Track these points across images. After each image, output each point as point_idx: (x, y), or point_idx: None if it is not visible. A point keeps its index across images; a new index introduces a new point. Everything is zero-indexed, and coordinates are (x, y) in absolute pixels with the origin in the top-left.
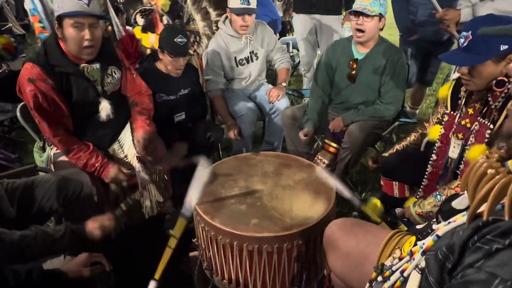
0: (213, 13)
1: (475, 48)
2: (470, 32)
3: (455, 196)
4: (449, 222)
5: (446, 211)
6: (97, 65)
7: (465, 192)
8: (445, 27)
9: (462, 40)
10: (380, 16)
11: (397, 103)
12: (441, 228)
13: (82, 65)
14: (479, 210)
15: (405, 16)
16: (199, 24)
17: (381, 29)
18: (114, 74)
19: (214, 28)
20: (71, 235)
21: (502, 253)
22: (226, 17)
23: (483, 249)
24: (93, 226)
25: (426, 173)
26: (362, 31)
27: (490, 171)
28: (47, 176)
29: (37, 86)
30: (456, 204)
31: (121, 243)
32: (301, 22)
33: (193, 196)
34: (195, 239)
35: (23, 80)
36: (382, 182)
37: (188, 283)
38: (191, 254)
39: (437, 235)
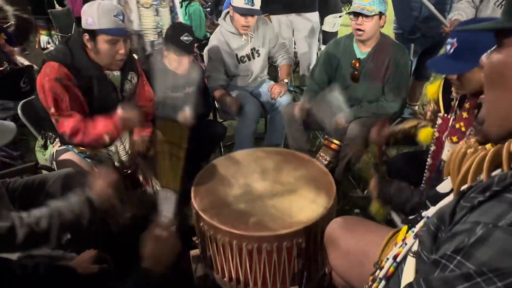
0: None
1: (462, 56)
2: (455, 39)
3: (439, 181)
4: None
5: (432, 197)
6: (118, 72)
7: (449, 177)
8: None
9: (448, 47)
10: (380, 14)
11: (400, 100)
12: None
13: (106, 71)
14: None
15: (408, 14)
16: None
17: (382, 27)
18: (132, 80)
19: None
20: (89, 205)
21: (484, 204)
22: (227, 13)
23: (467, 207)
24: (100, 185)
25: (424, 178)
26: (362, 30)
27: (469, 150)
28: (49, 175)
29: (64, 85)
30: (440, 188)
31: (119, 242)
32: (277, 23)
33: None
34: (195, 237)
35: (49, 78)
36: None
37: (188, 281)
38: (192, 252)
39: (427, 217)
